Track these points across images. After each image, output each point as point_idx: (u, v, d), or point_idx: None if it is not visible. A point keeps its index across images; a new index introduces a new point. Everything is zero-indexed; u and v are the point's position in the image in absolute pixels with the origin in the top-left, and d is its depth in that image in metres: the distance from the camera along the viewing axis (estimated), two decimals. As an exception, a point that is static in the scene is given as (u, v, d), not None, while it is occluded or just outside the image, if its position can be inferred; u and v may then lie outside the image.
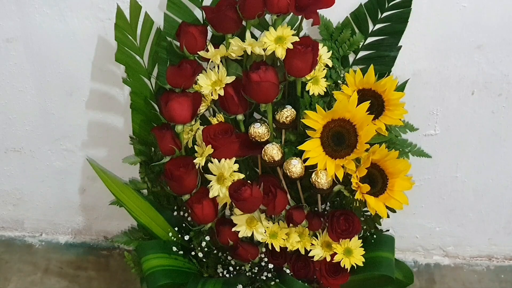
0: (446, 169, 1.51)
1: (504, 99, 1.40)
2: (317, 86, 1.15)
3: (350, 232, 1.16)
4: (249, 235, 1.16)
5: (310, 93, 1.14)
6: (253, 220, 1.16)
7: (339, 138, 1.09)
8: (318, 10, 1.13)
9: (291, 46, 1.09)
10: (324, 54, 1.17)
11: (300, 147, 1.09)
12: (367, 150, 1.09)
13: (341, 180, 1.11)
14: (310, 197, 1.20)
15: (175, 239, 1.25)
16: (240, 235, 1.16)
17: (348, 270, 1.19)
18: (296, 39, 1.10)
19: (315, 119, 1.08)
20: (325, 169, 1.09)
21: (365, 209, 1.18)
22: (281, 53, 1.09)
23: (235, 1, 1.14)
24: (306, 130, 1.09)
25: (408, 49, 1.28)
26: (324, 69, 1.16)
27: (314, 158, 1.09)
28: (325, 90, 1.16)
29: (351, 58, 1.26)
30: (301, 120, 1.11)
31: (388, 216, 1.13)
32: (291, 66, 1.10)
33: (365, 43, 1.24)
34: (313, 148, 1.09)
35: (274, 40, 1.10)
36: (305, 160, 1.10)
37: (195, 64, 1.17)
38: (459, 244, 1.66)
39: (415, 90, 1.35)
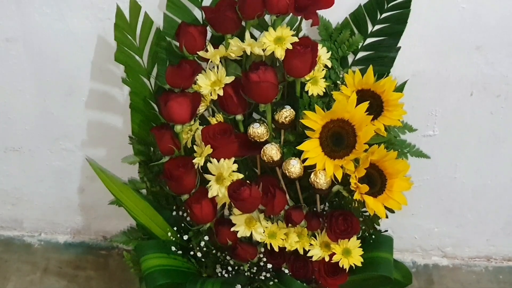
0: (445, 170, 1.52)
1: (503, 100, 1.40)
2: (316, 87, 1.15)
3: (348, 232, 1.16)
4: (248, 235, 1.16)
5: (309, 94, 1.14)
6: (252, 220, 1.16)
7: (338, 139, 1.09)
8: (317, 11, 1.13)
9: (290, 47, 1.09)
10: (323, 54, 1.17)
11: (299, 147, 1.09)
12: (366, 150, 1.09)
13: (340, 180, 1.11)
14: (309, 197, 1.20)
15: (174, 239, 1.25)
16: (239, 235, 1.16)
17: (347, 270, 1.19)
18: (296, 39, 1.10)
19: (314, 120, 1.08)
20: (324, 169, 1.09)
21: (364, 209, 1.19)
22: (280, 54, 1.09)
23: (235, 1, 1.14)
24: (305, 131, 1.09)
25: (408, 49, 1.28)
26: (323, 69, 1.16)
27: (313, 158, 1.09)
28: (324, 91, 1.16)
29: (350, 58, 1.26)
30: (300, 120, 1.11)
31: (386, 217, 1.13)
32: (290, 67, 1.10)
33: (364, 44, 1.24)
34: (312, 148, 1.09)
35: (274, 41, 1.10)
36: (304, 160, 1.10)
37: (195, 64, 1.17)
38: (457, 245, 1.66)
39: (414, 90, 1.35)
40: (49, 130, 1.52)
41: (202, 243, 1.22)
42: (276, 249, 1.17)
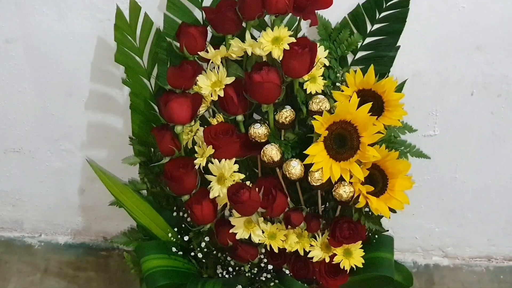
0: (446, 170, 1.51)
1: (504, 100, 1.40)
2: (314, 85, 1.14)
3: (353, 239, 1.16)
4: (247, 237, 1.16)
5: (308, 92, 1.14)
6: (251, 222, 1.16)
7: (342, 141, 1.09)
8: (316, 11, 1.13)
9: (287, 47, 1.09)
10: (321, 53, 1.16)
11: (305, 152, 1.08)
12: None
13: (348, 181, 1.10)
14: (310, 198, 1.20)
15: (174, 239, 1.25)
16: (237, 237, 1.16)
17: (348, 271, 1.19)
18: (293, 40, 1.09)
19: (319, 123, 1.06)
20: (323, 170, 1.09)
21: (365, 209, 1.18)
22: (277, 54, 1.09)
23: (235, 2, 1.14)
24: (314, 129, 1.07)
25: (408, 49, 1.28)
26: (321, 68, 1.15)
27: (319, 162, 1.07)
28: (323, 90, 1.15)
29: (349, 58, 1.26)
30: (301, 118, 1.10)
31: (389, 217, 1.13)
32: (288, 67, 1.10)
33: (363, 44, 1.24)
34: (317, 152, 1.07)
35: (271, 41, 1.09)
36: (310, 165, 1.09)
37: (196, 65, 1.17)
38: (458, 245, 1.66)
39: (415, 90, 1.35)
40: (49, 131, 1.52)
41: (203, 244, 1.22)
42: (276, 250, 1.17)
